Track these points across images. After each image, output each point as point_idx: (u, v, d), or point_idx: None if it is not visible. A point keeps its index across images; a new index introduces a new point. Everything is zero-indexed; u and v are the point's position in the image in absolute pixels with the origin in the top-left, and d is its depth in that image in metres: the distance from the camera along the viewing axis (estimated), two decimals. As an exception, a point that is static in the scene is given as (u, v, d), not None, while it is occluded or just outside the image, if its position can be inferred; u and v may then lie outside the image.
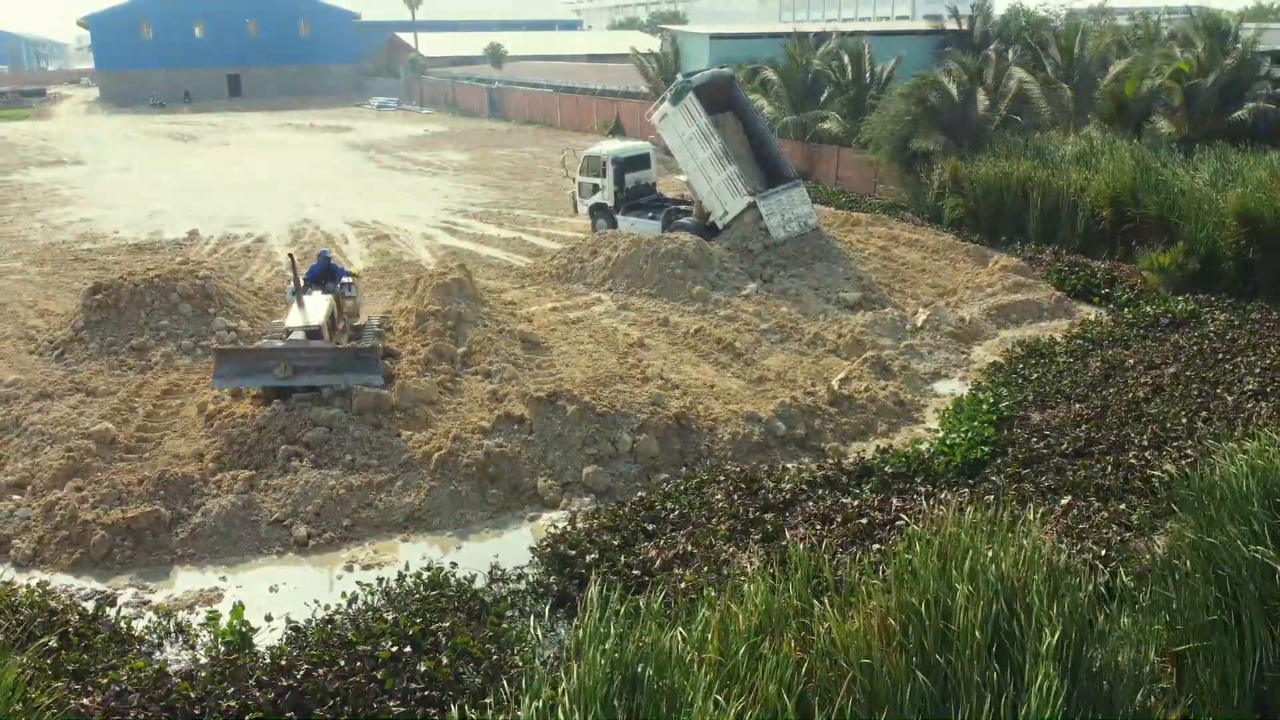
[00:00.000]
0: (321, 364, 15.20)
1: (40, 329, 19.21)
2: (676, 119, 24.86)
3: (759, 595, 7.11)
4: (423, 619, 10.02)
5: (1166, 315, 20.07)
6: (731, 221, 24.34)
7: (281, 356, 15.09)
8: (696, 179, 25.05)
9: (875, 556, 9.53)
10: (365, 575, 11.63)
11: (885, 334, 18.94)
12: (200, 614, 10.87)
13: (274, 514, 12.60)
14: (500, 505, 13.17)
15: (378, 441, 13.90)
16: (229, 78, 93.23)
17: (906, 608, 6.69)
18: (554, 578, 11.14)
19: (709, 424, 14.70)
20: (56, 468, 13.42)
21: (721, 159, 24.25)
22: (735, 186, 24.19)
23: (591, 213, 27.80)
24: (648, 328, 19.28)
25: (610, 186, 26.99)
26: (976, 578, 6.94)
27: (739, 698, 6.17)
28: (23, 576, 11.83)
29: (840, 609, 6.95)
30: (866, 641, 6.44)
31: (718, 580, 10.31)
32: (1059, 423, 14.90)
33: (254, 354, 15.38)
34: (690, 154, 24.86)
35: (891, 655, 6.45)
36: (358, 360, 15.39)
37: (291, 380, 15.04)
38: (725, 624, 6.78)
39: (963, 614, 6.75)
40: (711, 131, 24.40)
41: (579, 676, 6.74)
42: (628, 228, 26.20)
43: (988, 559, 7.06)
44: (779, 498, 12.41)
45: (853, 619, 6.73)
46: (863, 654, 6.46)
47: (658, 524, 11.94)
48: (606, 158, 27.20)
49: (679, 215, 26.21)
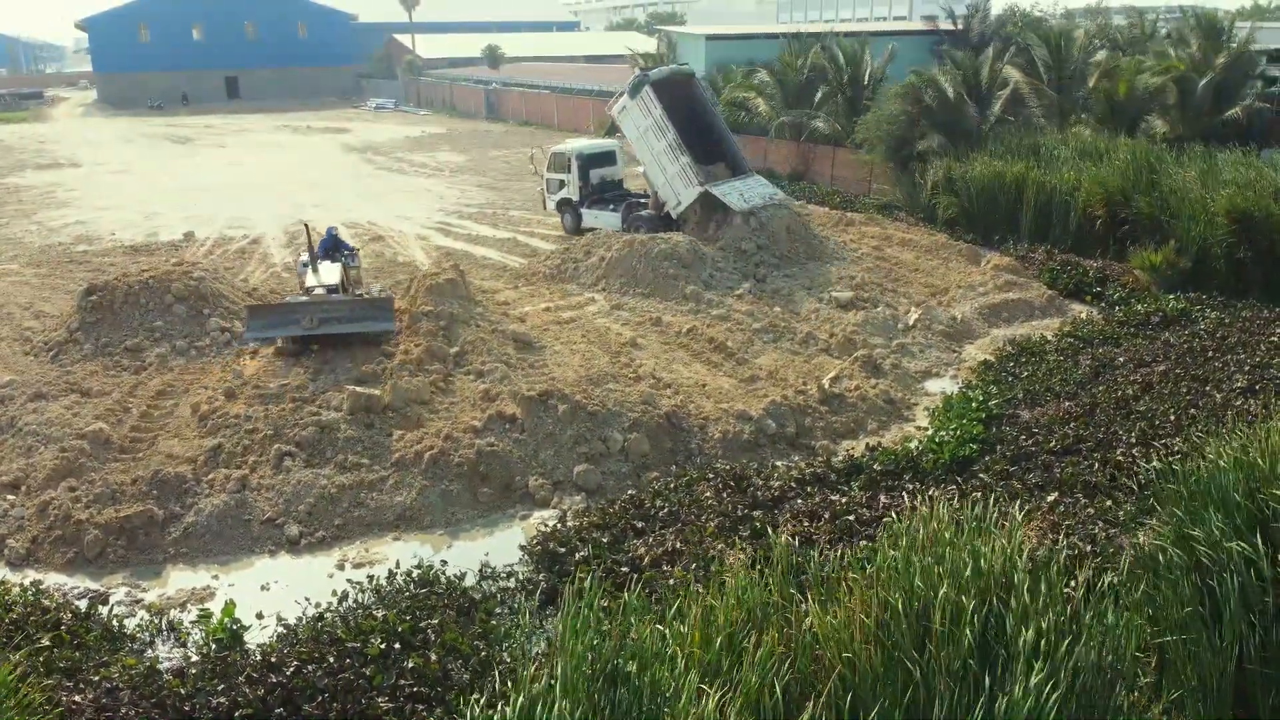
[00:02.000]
0: (342, 314, 16.98)
1: (36, 330, 19.27)
2: (634, 111, 25.95)
3: (741, 589, 7.17)
4: (412, 616, 10.09)
5: (1158, 313, 20.15)
6: (685, 212, 25.42)
7: (306, 309, 16.82)
8: (653, 170, 26.08)
9: (862, 552, 9.58)
10: (356, 574, 11.69)
11: (877, 333, 19.02)
12: (192, 612, 10.95)
13: (266, 513, 12.67)
14: (491, 504, 13.24)
15: (370, 441, 13.98)
16: (227, 80, 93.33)
17: (887, 603, 6.76)
18: (543, 575, 11.22)
19: (700, 422, 14.77)
20: (51, 468, 13.48)
21: (675, 150, 25.17)
22: (688, 176, 25.15)
23: (559, 208, 28.88)
24: (640, 327, 19.35)
25: (575, 182, 27.99)
26: (959, 573, 7.00)
27: (721, 690, 6.24)
28: (16, 575, 11.90)
29: (822, 603, 7.01)
30: (849, 635, 6.50)
31: (705, 576, 10.43)
32: (1048, 420, 14.97)
33: (282, 308, 17.17)
34: (647, 145, 25.90)
35: (872, 649, 6.51)
36: (374, 308, 17.31)
37: (316, 329, 16.65)
38: (707, 618, 6.85)
39: (944, 609, 6.81)
40: (666, 124, 25.28)
41: (562, 671, 6.81)
42: (591, 221, 27.55)
43: (969, 555, 7.12)
44: (768, 495, 12.48)
45: (834, 613, 6.80)
46: (844, 648, 6.52)
47: (647, 521, 12.01)
48: (571, 154, 28.20)
49: (638, 208, 27.08)
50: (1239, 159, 24.22)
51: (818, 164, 37.79)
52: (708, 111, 27.88)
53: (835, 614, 6.78)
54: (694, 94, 27.63)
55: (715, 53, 46.82)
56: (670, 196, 25.77)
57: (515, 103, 67.86)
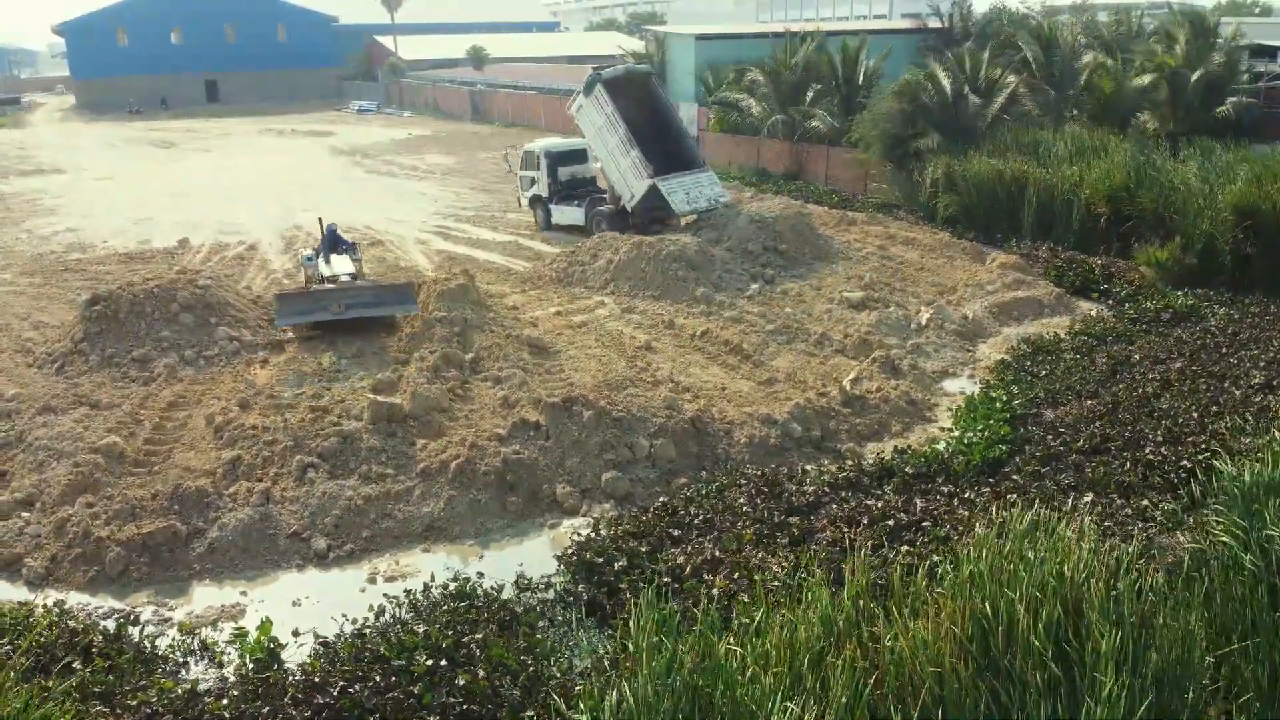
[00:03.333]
0: (368, 299, 18.23)
1: (36, 341, 18.89)
2: (589, 109, 27.13)
3: (818, 603, 7.01)
4: (454, 631, 9.88)
5: (1168, 310, 20.17)
6: (637, 205, 26.60)
7: (334, 295, 18.13)
8: (608, 165, 27.22)
9: (936, 561, 9.41)
10: (389, 587, 11.46)
11: (891, 333, 18.93)
12: (224, 630, 10.70)
13: (292, 526, 12.41)
14: (520, 513, 13.03)
15: (393, 450, 13.74)
16: (206, 83, 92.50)
17: (969, 614, 6.62)
18: (582, 586, 11.02)
19: (725, 427, 14.62)
20: (65, 483, 13.16)
21: (627, 144, 26.25)
22: (639, 169, 26.07)
23: (531, 204, 30.05)
24: (653, 330, 19.18)
25: (545, 179, 29.13)
26: (1036, 582, 6.87)
27: (807, 710, 6.08)
28: (37, 596, 11.59)
29: (903, 617, 6.87)
30: (938, 650, 6.35)
31: (748, 585, 10.28)
32: (1073, 419, 14.91)
33: (311, 295, 18.36)
34: (602, 141, 27.11)
35: (960, 663, 6.37)
36: (397, 293, 18.57)
37: (343, 314, 17.91)
38: (789, 634, 6.68)
39: (1023, 619, 6.68)
40: (617, 119, 26.39)
41: (635, 691, 6.63)
42: (559, 217, 29.08)
43: (1047, 562, 7.00)
44: (802, 500, 12.33)
45: (921, 626, 6.65)
46: (931, 663, 6.38)
47: (683, 529, 11.83)
48: (540, 152, 29.31)
49: (600, 203, 28.26)
50: (1241, 154, 24.36)
51: (812, 163, 37.71)
52: (665, 110, 29.10)
53: (922, 627, 6.62)
54: (651, 93, 28.85)
55: (705, 52, 46.67)
56: (624, 190, 26.90)
57: (501, 104, 67.54)
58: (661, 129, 28.18)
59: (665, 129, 28.36)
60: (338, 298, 18.22)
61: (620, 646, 8.37)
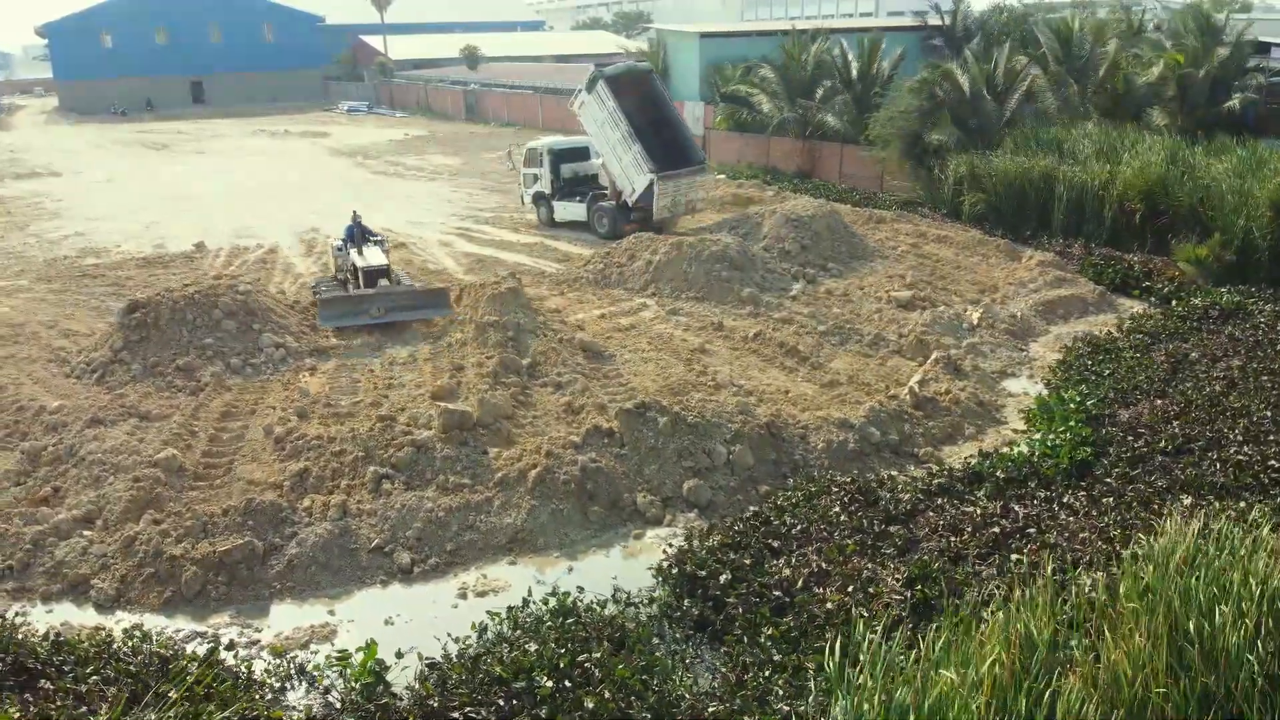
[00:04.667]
0: (406, 303, 18.91)
1: (69, 350, 18.29)
2: (591, 106, 27.66)
3: (1015, 623, 6.68)
4: (566, 649, 9.50)
5: (1215, 307, 20.03)
6: (639, 200, 26.98)
7: (375, 300, 18.70)
8: (610, 160, 27.68)
9: (1122, 575, 9.06)
10: (480, 603, 11.08)
11: (946, 333, 18.67)
12: (318, 652, 10.25)
13: (373, 540, 11.97)
14: (602, 523, 12.66)
15: (467, 460, 13.32)
16: (192, 84, 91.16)
17: (1174, 632, 6.32)
18: (687, 601, 10.66)
19: (799, 432, 14.29)
20: (126, 499, 12.64)
21: (629, 139, 26.74)
22: (640, 164, 26.59)
23: (535, 201, 30.29)
24: (703, 333, 18.83)
25: (547, 176, 29.55)
26: (1236, 593, 6.58)
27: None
28: (108, 619, 11.12)
29: (1099, 634, 6.56)
30: (1150, 670, 6.05)
31: (863, 599, 9.97)
32: (1149, 420, 14.69)
33: (353, 299, 18.89)
34: (604, 137, 27.61)
35: (1171, 682, 6.07)
36: (433, 296, 19.21)
37: (384, 318, 18.59)
38: (986, 658, 6.34)
39: (1228, 634, 6.39)
40: (619, 115, 26.86)
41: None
42: (562, 213, 29.45)
43: (1251, 574, 6.71)
44: (900, 509, 12.02)
45: (1118, 646, 6.34)
46: (1143, 683, 6.07)
47: (781, 540, 11.49)
48: (543, 149, 29.80)
49: (601, 199, 28.61)
50: (1257, 149, 24.33)
51: (825, 162, 37.44)
52: (665, 106, 29.48)
53: (1121, 646, 6.31)
54: (652, 90, 29.35)
55: (709, 51, 46.33)
56: (626, 185, 27.27)
57: (496, 104, 66.93)
58: (661, 125, 28.64)
59: (665, 125, 28.85)
60: (379, 302, 18.75)
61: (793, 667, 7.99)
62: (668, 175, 26.78)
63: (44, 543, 12.14)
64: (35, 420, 15.13)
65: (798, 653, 9.38)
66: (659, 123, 28.54)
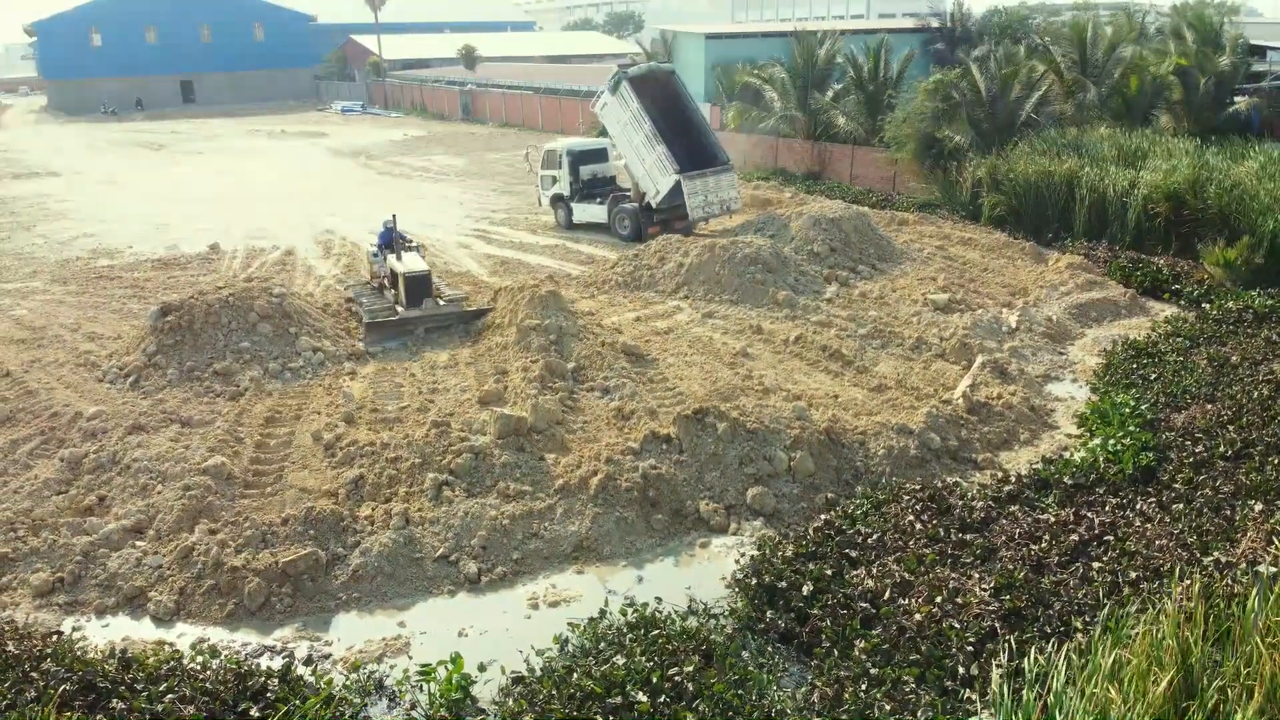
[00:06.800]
0: (449, 323, 18.97)
1: (97, 353, 17.92)
2: (614, 107, 27.58)
3: (1168, 638, 6.51)
4: (655, 663, 9.27)
5: (1249, 310, 19.98)
6: (663, 201, 26.84)
7: (420, 322, 18.70)
8: (633, 161, 27.58)
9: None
10: (554, 613, 10.84)
11: (987, 336, 18.55)
12: (394, 666, 9.98)
13: (438, 549, 11.70)
14: (666, 531, 12.43)
15: (526, 466, 13.06)
16: (182, 84, 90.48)
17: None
18: (770, 612, 10.44)
19: (858, 438, 14.10)
20: (179, 509, 12.32)
21: (652, 140, 26.65)
22: (664, 165, 26.49)
23: (552, 203, 30.20)
24: (742, 336, 18.63)
25: (566, 178, 29.43)
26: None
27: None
28: (168, 633, 10.80)
29: (1245, 646, 6.39)
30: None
31: (954, 609, 9.79)
32: (1203, 424, 14.59)
33: (398, 323, 18.76)
34: (627, 138, 27.48)
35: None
36: (475, 318, 19.14)
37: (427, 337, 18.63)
38: (1164, 672, 6.15)
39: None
40: (643, 116, 26.79)
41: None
42: (581, 215, 29.33)
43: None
44: (974, 516, 11.85)
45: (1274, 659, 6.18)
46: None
47: (859, 549, 11.30)
48: (561, 151, 29.67)
49: (623, 200, 28.43)
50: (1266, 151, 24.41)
51: (835, 163, 37.31)
52: (688, 107, 29.21)
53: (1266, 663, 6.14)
54: (674, 90, 29.11)
55: (715, 51, 46.24)
56: (649, 186, 27.14)
57: (494, 104, 66.60)
58: (684, 126, 28.48)
59: (688, 126, 28.68)
60: (425, 324, 18.79)
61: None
62: (693, 175, 26.66)
63: (95, 554, 11.81)
64: (72, 426, 14.78)
65: (890, 665, 9.19)
66: (683, 123, 28.48)
